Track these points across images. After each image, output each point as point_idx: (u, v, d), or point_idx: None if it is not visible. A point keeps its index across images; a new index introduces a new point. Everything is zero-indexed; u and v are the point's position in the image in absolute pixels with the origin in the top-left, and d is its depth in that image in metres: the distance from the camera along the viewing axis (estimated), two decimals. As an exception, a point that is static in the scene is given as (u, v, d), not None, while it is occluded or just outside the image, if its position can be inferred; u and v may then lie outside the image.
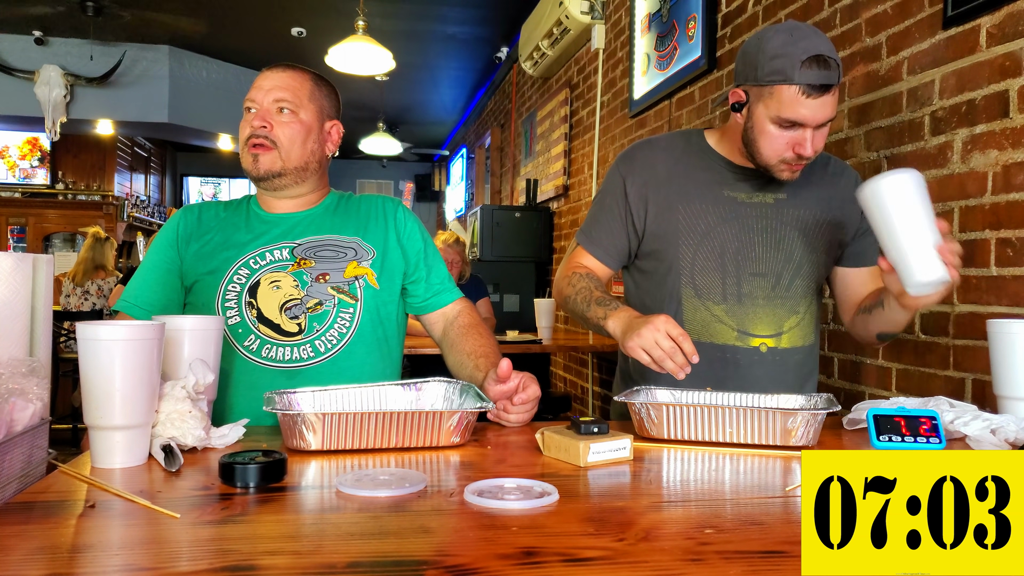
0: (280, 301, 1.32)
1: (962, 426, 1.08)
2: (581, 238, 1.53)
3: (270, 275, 1.34)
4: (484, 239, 4.76)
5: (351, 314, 1.34)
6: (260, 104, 1.37)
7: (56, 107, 6.28)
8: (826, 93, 1.26)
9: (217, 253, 1.38)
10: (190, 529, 0.69)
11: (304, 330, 1.31)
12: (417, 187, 11.40)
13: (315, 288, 1.34)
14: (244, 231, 1.41)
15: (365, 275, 1.37)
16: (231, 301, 1.32)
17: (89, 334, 0.86)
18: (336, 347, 1.32)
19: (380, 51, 4.09)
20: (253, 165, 1.37)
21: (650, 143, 1.53)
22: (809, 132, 1.29)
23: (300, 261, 1.36)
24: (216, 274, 1.35)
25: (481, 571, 0.59)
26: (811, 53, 1.24)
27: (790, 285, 1.42)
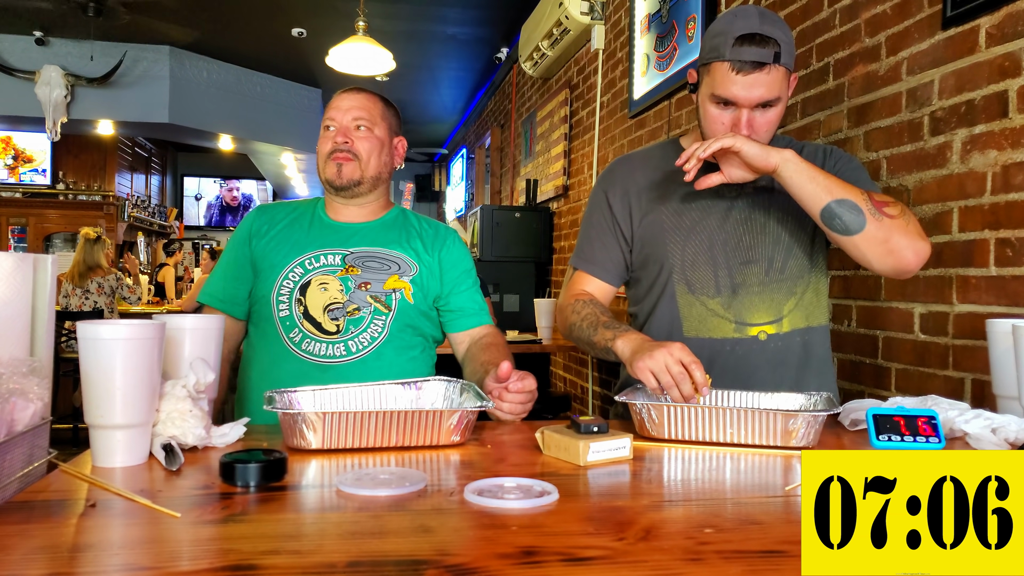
0: (325, 302, 1.46)
1: (963, 424, 1.08)
2: (576, 262, 1.51)
3: (320, 277, 1.48)
4: (484, 239, 4.76)
5: (383, 321, 1.47)
6: (340, 122, 1.53)
7: (57, 107, 6.28)
8: (758, 71, 1.24)
9: (280, 248, 1.53)
10: (191, 528, 0.69)
11: (341, 331, 1.45)
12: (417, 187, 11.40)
13: (356, 295, 1.47)
14: (306, 232, 1.56)
15: (403, 289, 1.50)
16: (284, 295, 1.48)
17: (90, 333, 0.86)
18: (366, 349, 1.45)
19: (380, 51, 4.09)
20: (337, 175, 1.52)
21: (627, 157, 1.54)
22: (744, 112, 1.27)
23: (348, 268, 1.50)
24: (275, 268, 1.51)
25: (481, 570, 0.59)
26: (746, 31, 1.23)
27: (784, 268, 1.39)
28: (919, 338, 1.75)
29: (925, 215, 1.73)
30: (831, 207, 1.23)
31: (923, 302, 1.74)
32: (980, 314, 1.57)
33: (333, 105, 1.55)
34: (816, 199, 1.24)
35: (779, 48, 1.24)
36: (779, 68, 1.25)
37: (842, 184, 1.25)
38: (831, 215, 1.23)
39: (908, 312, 1.78)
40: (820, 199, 1.23)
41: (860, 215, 1.22)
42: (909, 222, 1.25)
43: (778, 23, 1.26)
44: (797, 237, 1.40)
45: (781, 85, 1.27)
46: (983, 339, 1.27)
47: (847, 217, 1.22)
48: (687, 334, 1.40)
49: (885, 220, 1.23)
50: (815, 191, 1.23)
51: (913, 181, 1.77)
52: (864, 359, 1.93)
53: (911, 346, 1.77)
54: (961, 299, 1.63)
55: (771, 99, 1.27)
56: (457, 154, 9.11)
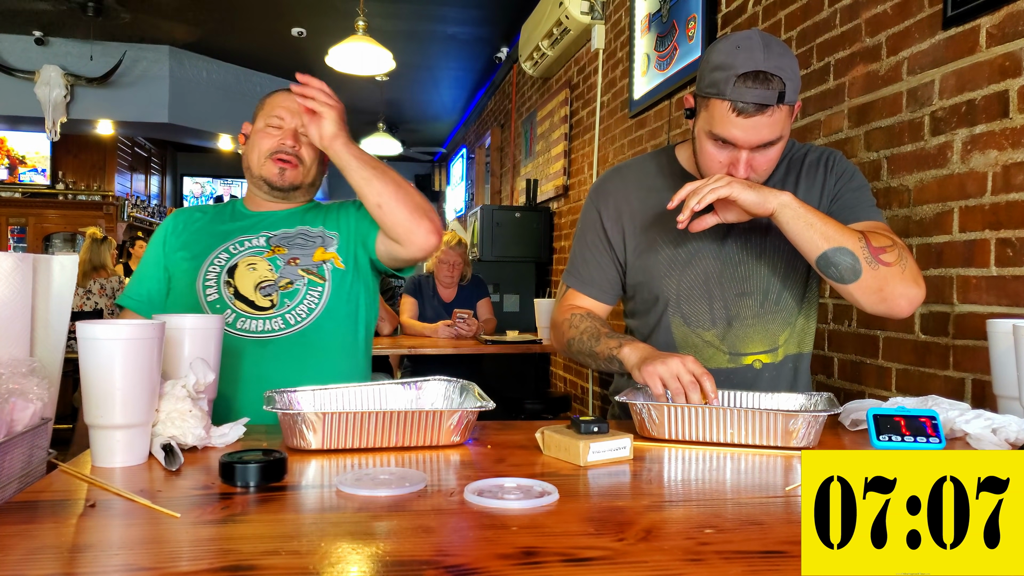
0: (255, 281, 1.45)
1: (963, 424, 1.08)
2: (571, 280, 1.47)
3: (247, 258, 1.48)
4: (484, 239, 4.76)
5: (319, 292, 1.46)
6: (289, 124, 1.52)
7: (56, 107, 6.28)
8: (760, 113, 1.17)
9: (201, 240, 1.53)
10: (190, 528, 0.69)
11: (276, 305, 1.44)
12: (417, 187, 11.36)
13: (287, 270, 1.47)
14: (228, 224, 1.56)
15: (332, 259, 1.50)
16: (211, 280, 1.46)
17: (89, 333, 0.86)
18: (305, 320, 1.44)
19: (380, 51, 4.09)
20: (279, 177, 1.51)
21: (620, 172, 1.48)
22: (744, 154, 1.21)
23: (274, 248, 1.50)
24: (198, 259, 1.49)
25: (481, 571, 0.59)
26: (749, 68, 1.15)
27: (779, 299, 1.37)
28: (920, 338, 1.74)
29: (925, 215, 1.73)
30: (827, 255, 1.19)
31: (924, 302, 1.73)
32: (981, 314, 1.57)
33: (281, 104, 1.52)
34: (813, 246, 1.19)
35: (784, 86, 1.16)
36: (783, 107, 1.18)
37: (840, 230, 1.20)
38: (827, 263, 1.20)
39: (908, 312, 1.78)
40: (817, 247, 1.19)
41: (856, 263, 1.19)
42: (905, 268, 1.21)
43: (784, 54, 1.19)
44: (793, 266, 1.36)
45: (784, 123, 1.21)
46: (984, 339, 1.27)
47: (843, 266, 1.19)
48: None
49: (881, 269, 1.19)
50: (812, 238, 1.19)
51: (914, 181, 1.77)
52: (865, 359, 1.93)
53: (911, 346, 1.77)
54: (962, 299, 1.63)
55: (773, 139, 1.21)
56: (457, 154, 9.11)
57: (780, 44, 1.20)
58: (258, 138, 1.53)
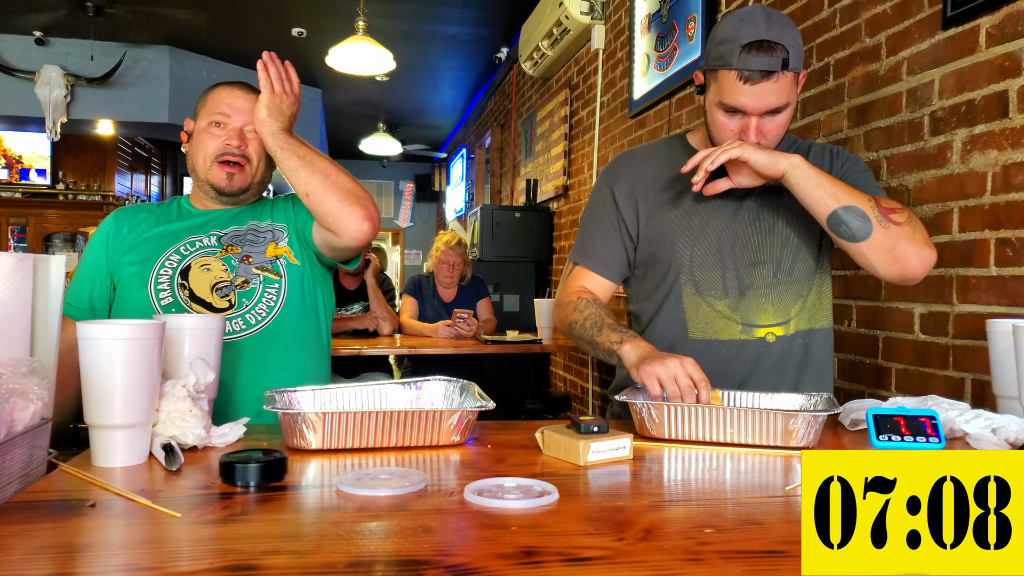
0: (211, 282, 1.41)
1: (963, 424, 1.08)
2: (577, 257, 1.49)
3: (200, 259, 1.43)
4: (484, 239, 4.76)
5: (277, 289, 1.44)
6: (233, 123, 1.44)
7: (56, 107, 6.28)
8: (766, 79, 1.22)
9: (149, 243, 1.46)
10: (190, 528, 0.69)
11: (234, 304, 1.40)
12: (417, 187, 11.40)
13: (242, 268, 1.44)
14: (175, 224, 1.50)
15: (284, 253, 1.48)
16: (163, 283, 1.41)
17: (89, 333, 0.86)
18: (266, 319, 1.41)
19: (380, 51, 4.09)
20: (227, 182, 1.45)
21: (632, 153, 1.51)
22: (753, 120, 1.26)
23: (227, 247, 1.46)
24: (148, 261, 1.43)
25: (481, 570, 0.59)
26: (753, 38, 1.21)
27: (792, 270, 1.39)
28: (919, 338, 1.74)
29: (925, 215, 1.73)
30: (838, 213, 1.22)
31: (923, 302, 1.74)
32: (980, 314, 1.57)
33: (224, 100, 1.45)
34: (823, 205, 1.23)
35: (787, 54, 1.21)
36: (787, 74, 1.23)
37: (849, 190, 1.24)
38: (838, 221, 1.23)
39: (908, 312, 1.78)
40: (827, 205, 1.23)
41: (867, 222, 1.22)
42: (916, 229, 1.24)
43: (786, 25, 1.24)
44: (805, 239, 1.39)
45: (790, 90, 1.25)
46: (983, 339, 1.27)
47: (854, 224, 1.22)
48: (692, 335, 1.40)
49: (892, 227, 1.22)
50: (822, 197, 1.23)
51: (913, 181, 1.77)
52: (864, 359, 1.93)
53: (911, 346, 1.77)
54: (961, 299, 1.63)
55: (780, 106, 1.25)
56: (457, 154, 9.11)
57: (782, 16, 1.25)
58: (202, 139, 1.46)
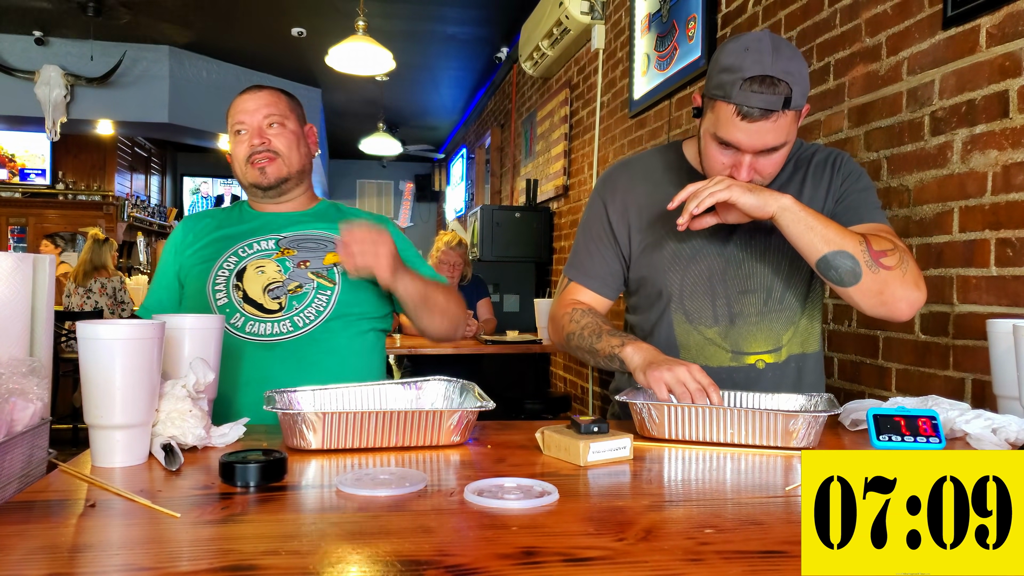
0: (264, 284, 1.46)
1: (964, 424, 1.08)
2: (572, 273, 1.47)
3: (256, 262, 1.48)
4: (484, 239, 4.76)
5: (328, 295, 1.47)
6: (251, 124, 1.52)
7: (56, 107, 6.28)
8: (765, 119, 1.16)
9: (211, 245, 1.53)
10: (190, 528, 0.69)
11: (284, 307, 1.44)
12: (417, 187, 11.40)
13: (296, 273, 1.47)
14: (237, 227, 1.56)
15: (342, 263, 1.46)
16: (220, 284, 1.47)
17: (89, 333, 0.86)
18: (313, 322, 1.44)
19: (380, 51, 4.09)
20: (262, 177, 1.51)
21: (627, 165, 1.48)
22: (747, 158, 1.21)
23: (284, 250, 1.50)
24: (208, 263, 1.50)
25: (481, 571, 0.59)
26: (756, 72, 1.14)
27: (782, 298, 1.36)
28: (920, 338, 1.74)
29: (925, 215, 1.73)
30: (827, 258, 1.19)
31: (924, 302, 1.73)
32: (980, 314, 1.57)
33: (238, 108, 1.54)
34: (812, 249, 1.19)
35: (790, 92, 1.15)
36: (788, 113, 1.17)
37: (840, 233, 1.19)
38: (827, 266, 1.20)
39: (908, 312, 1.78)
40: (817, 249, 1.19)
41: (857, 266, 1.19)
42: (906, 271, 1.21)
43: (793, 58, 1.17)
44: (796, 266, 1.35)
45: (790, 128, 1.19)
46: (984, 339, 1.27)
47: (843, 269, 1.19)
48: (681, 355, 1.39)
49: (882, 272, 1.19)
50: (812, 240, 1.18)
51: (914, 181, 1.77)
52: (865, 359, 1.93)
53: (912, 346, 1.77)
54: (962, 299, 1.63)
55: (777, 145, 1.20)
56: (457, 154, 9.11)
57: (790, 47, 1.18)
58: (233, 150, 1.55)
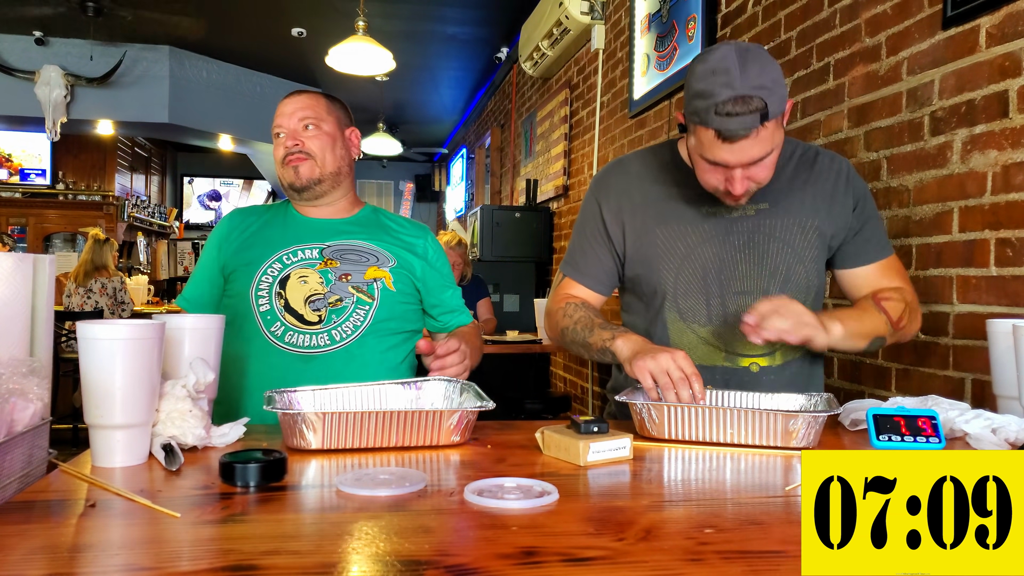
0: (306, 294, 1.47)
1: (963, 424, 1.08)
2: (568, 270, 1.48)
3: (299, 271, 1.50)
4: (484, 239, 4.75)
5: (367, 310, 1.48)
6: (287, 127, 1.54)
7: (56, 107, 6.27)
8: (746, 137, 1.17)
9: (255, 247, 1.55)
10: (190, 528, 0.69)
11: (323, 320, 1.46)
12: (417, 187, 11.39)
13: (337, 286, 1.49)
14: (282, 230, 1.58)
15: (383, 278, 1.52)
16: (263, 290, 1.48)
17: (89, 333, 0.86)
18: (350, 337, 1.46)
19: (380, 51, 4.09)
20: (295, 176, 1.53)
21: (622, 164, 1.48)
22: (738, 172, 1.22)
23: (327, 261, 1.51)
24: (252, 265, 1.51)
25: (481, 571, 0.59)
26: (727, 95, 1.14)
27: None
28: (919, 338, 1.74)
29: (925, 215, 1.73)
30: (866, 348, 1.32)
31: (923, 302, 1.73)
32: (980, 314, 1.57)
33: (279, 112, 1.56)
34: (856, 349, 1.32)
35: (764, 106, 1.14)
36: (768, 124, 1.17)
37: (873, 323, 1.30)
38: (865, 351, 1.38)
39: (908, 312, 1.78)
40: (859, 348, 1.31)
41: (884, 340, 1.33)
42: (913, 319, 1.36)
43: (763, 69, 1.16)
44: (794, 269, 1.36)
45: (774, 135, 1.20)
46: (983, 339, 1.27)
47: (875, 346, 1.33)
48: None
49: (898, 332, 1.34)
50: (856, 345, 1.30)
51: (913, 181, 1.77)
52: (864, 359, 1.93)
53: (911, 346, 1.77)
54: (961, 299, 1.63)
55: (763, 155, 1.20)
56: (457, 154, 9.11)
57: (758, 58, 1.17)
58: (274, 152, 1.57)
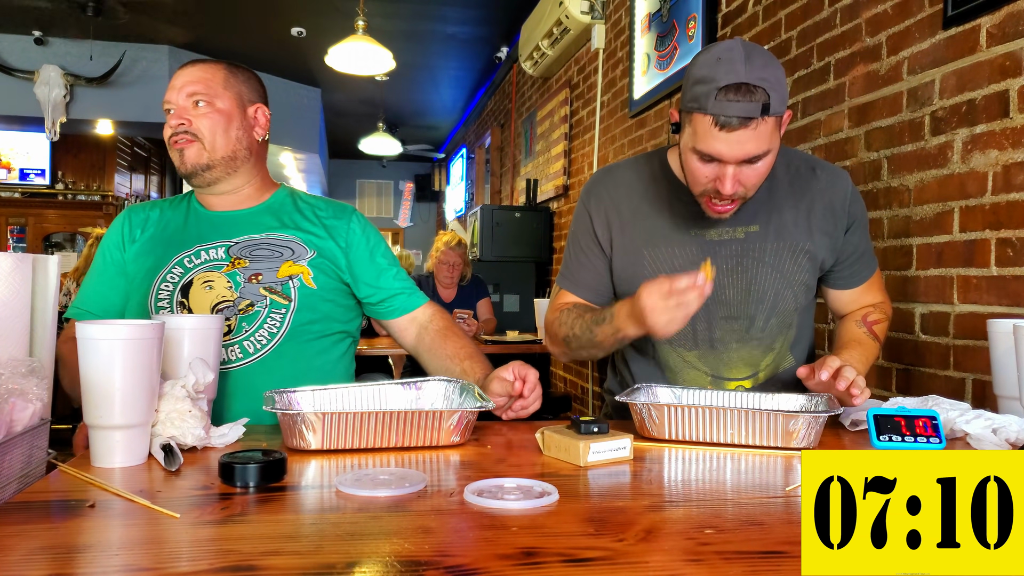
0: (212, 302, 1.30)
1: (964, 424, 1.08)
2: (563, 282, 1.46)
3: (204, 275, 1.32)
4: (484, 239, 4.76)
5: (282, 314, 1.31)
6: (175, 103, 1.34)
7: (56, 107, 6.27)
8: (744, 127, 1.12)
9: (154, 250, 1.36)
10: (190, 529, 0.69)
11: (233, 330, 1.29)
12: (417, 187, 11.40)
13: (247, 289, 1.31)
14: (182, 229, 1.39)
15: (300, 274, 1.34)
16: (164, 300, 1.30)
17: (88, 334, 0.86)
18: (265, 347, 1.30)
19: (380, 51, 4.09)
20: (180, 161, 1.33)
21: (611, 174, 1.44)
22: (730, 169, 1.17)
23: (235, 261, 1.33)
24: (151, 273, 1.33)
25: (481, 571, 0.59)
26: (730, 80, 1.10)
27: (764, 326, 1.36)
28: (920, 338, 1.74)
29: (926, 215, 1.73)
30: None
31: (924, 302, 1.73)
32: (981, 314, 1.57)
33: (169, 85, 1.35)
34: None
35: (768, 98, 1.11)
36: (768, 119, 1.13)
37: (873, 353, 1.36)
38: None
39: (909, 312, 1.78)
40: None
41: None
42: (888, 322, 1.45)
43: (768, 64, 1.14)
44: (782, 295, 1.35)
45: (771, 136, 1.16)
46: (984, 339, 1.27)
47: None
48: (666, 378, 1.40)
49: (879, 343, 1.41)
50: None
51: (914, 181, 1.77)
52: (864, 359, 1.93)
53: (912, 346, 1.77)
54: (962, 299, 1.63)
55: (759, 154, 1.16)
56: (457, 154, 9.11)
57: (764, 54, 1.15)
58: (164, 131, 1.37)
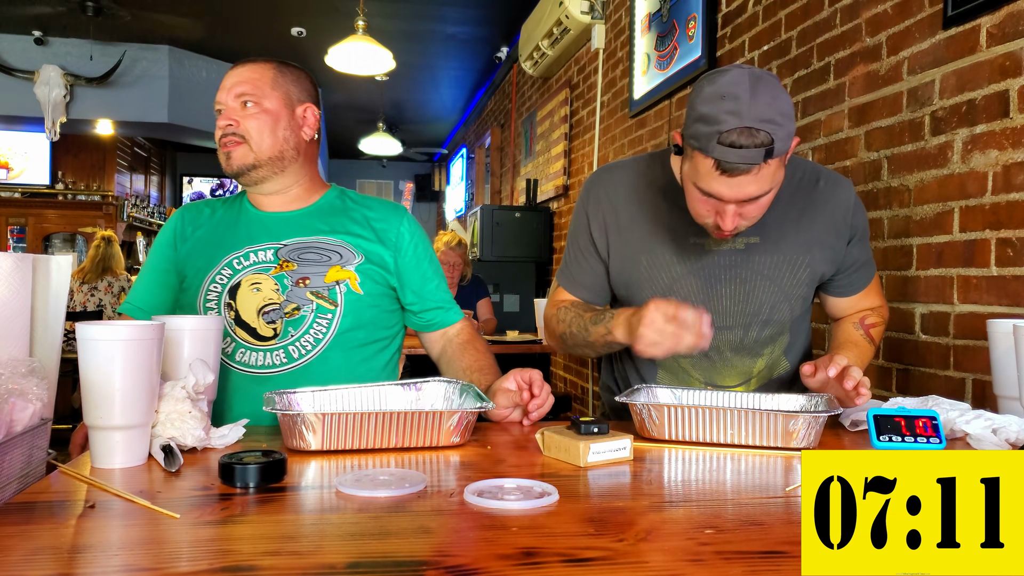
0: (259, 305, 1.30)
1: (964, 424, 1.08)
2: (563, 280, 1.46)
3: (252, 276, 1.32)
4: (484, 239, 4.76)
5: (328, 320, 1.31)
6: (225, 103, 1.35)
7: (56, 107, 6.27)
8: (746, 172, 1.10)
9: (205, 251, 1.37)
10: (190, 529, 0.69)
11: (279, 334, 1.29)
12: (417, 187, 11.40)
13: (294, 292, 1.31)
14: (233, 229, 1.40)
15: (347, 279, 1.33)
16: (212, 301, 1.31)
17: (89, 334, 0.86)
18: (310, 353, 1.30)
19: (380, 51, 4.09)
20: (227, 163, 1.35)
21: (611, 174, 1.42)
22: (730, 207, 1.15)
23: (283, 263, 1.33)
24: (201, 273, 1.35)
25: (481, 571, 0.59)
26: (733, 124, 1.07)
27: (759, 336, 1.36)
28: (920, 338, 1.74)
29: (926, 215, 1.73)
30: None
31: (924, 302, 1.73)
32: (981, 314, 1.57)
33: (220, 86, 1.36)
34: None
35: (772, 142, 1.07)
36: (771, 162, 1.10)
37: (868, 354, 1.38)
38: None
39: (909, 312, 1.78)
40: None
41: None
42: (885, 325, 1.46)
43: (774, 100, 1.09)
44: (778, 308, 1.35)
45: (775, 175, 1.13)
46: (984, 339, 1.27)
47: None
48: (660, 381, 1.40)
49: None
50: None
51: (914, 181, 1.77)
52: (864, 359, 1.93)
53: (912, 346, 1.77)
54: (962, 299, 1.63)
55: (761, 194, 1.14)
56: (457, 154, 9.11)
57: (769, 86, 1.10)
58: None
